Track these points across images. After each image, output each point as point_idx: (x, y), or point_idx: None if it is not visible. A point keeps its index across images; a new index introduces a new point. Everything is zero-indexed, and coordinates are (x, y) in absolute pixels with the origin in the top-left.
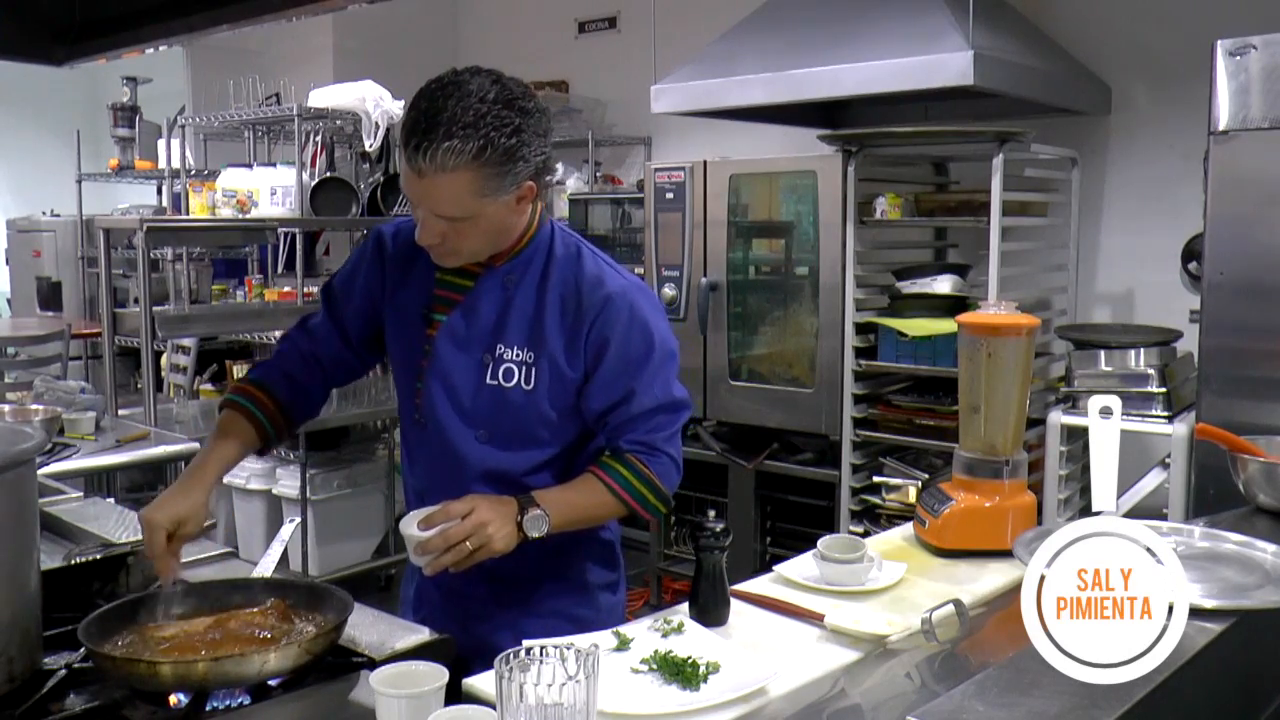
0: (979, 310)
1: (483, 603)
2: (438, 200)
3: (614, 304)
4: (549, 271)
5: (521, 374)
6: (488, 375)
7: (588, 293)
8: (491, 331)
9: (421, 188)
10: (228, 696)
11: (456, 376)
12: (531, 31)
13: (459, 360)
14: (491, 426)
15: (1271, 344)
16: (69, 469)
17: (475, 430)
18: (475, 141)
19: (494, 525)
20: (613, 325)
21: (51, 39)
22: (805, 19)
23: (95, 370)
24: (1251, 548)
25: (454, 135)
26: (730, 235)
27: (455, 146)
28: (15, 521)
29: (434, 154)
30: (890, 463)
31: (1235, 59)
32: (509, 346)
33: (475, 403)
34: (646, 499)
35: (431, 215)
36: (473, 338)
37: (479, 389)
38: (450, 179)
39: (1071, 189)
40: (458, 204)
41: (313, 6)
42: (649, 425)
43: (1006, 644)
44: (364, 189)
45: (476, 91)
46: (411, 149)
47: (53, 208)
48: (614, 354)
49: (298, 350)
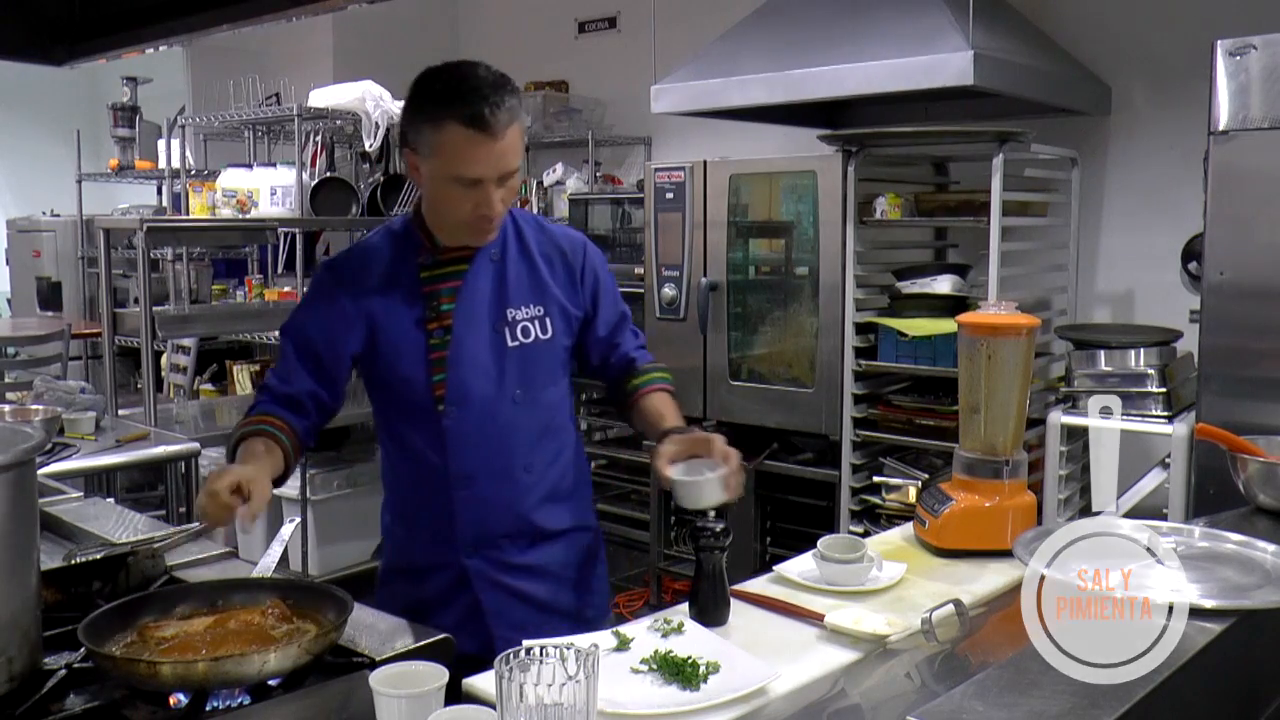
0: (979, 310)
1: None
2: (508, 155)
3: (589, 247)
4: (524, 239)
5: (537, 327)
6: (508, 338)
7: (566, 244)
8: (495, 303)
9: (497, 149)
10: (228, 696)
11: (481, 352)
12: (531, 31)
13: (478, 337)
14: (523, 384)
15: (1271, 344)
16: (69, 469)
17: (511, 393)
18: (512, 89)
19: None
20: (597, 263)
21: (51, 39)
22: (805, 19)
23: (95, 370)
24: (1251, 548)
25: (501, 92)
26: (730, 235)
27: (508, 101)
28: (15, 521)
29: (504, 109)
30: (890, 463)
31: (1235, 59)
32: (518, 308)
33: (505, 367)
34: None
35: (495, 183)
36: (481, 314)
37: (505, 353)
38: (514, 131)
39: (1071, 189)
40: (519, 153)
41: (313, 6)
42: (636, 332)
43: (1006, 644)
44: (364, 189)
45: (469, 64)
46: (486, 113)
47: (53, 208)
48: (604, 286)
49: (282, 396)
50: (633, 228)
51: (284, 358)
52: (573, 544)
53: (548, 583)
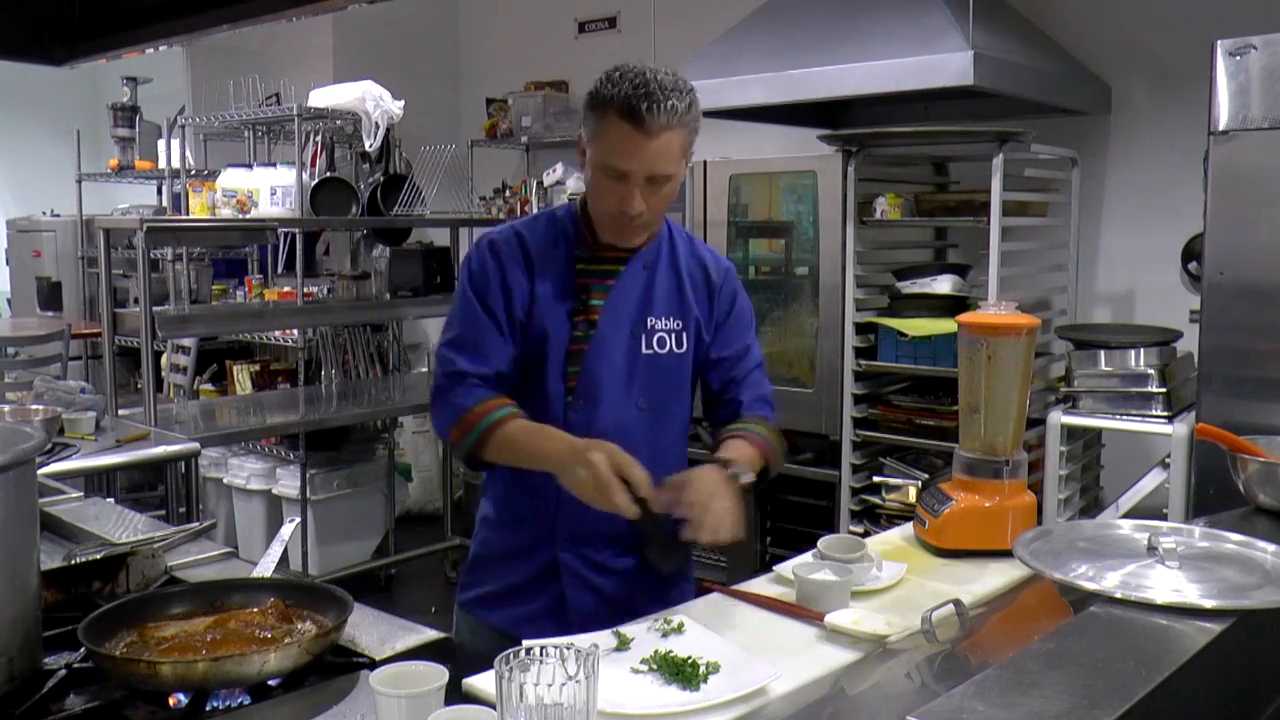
0: (979, 310)
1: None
2: (660, 157)
3: (733, 273)
4: (675, 252)
5: (673, 340)
6: (643, 345)
7: (712, 265)
8: (640, 308)
9: (650, 149)
10: (228, 696)
11: (618, 352)
12: (531, 31)
13: (619, 338)
14: (651, 394)
15: (1271, 344)
16: (69, 469)
17: (637, 399)
18: (686, 99)
19: (719, 508)
20: (736, 289)
21: (51, 39)
22: (805, 19)
23: (95, 370)
24: (1251, 548)
25: (671, 96)
26: (730, 235)
27: (675, 105)
28: (15, 521)
29: (663, 110)
30: (890, 463)
31: (1235, 59)
32: (658, 318)
33: (635, 373)
34: (778, 451)
35: (643, 183)
36: (625, 315)
37: (637, 359)
38: (672, 136)
39: (1071, 189)
40: (674, 160)
41: (313, 6)
42: (762, 380)
43: (1006, 644)
44: (364, 189)
45: (653, 69)
46: (644, 111)
47: (53, 208)
48: (738, 312)
49: (489, 377)
50: None
51: (468, 339)
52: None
53: (635, 589)
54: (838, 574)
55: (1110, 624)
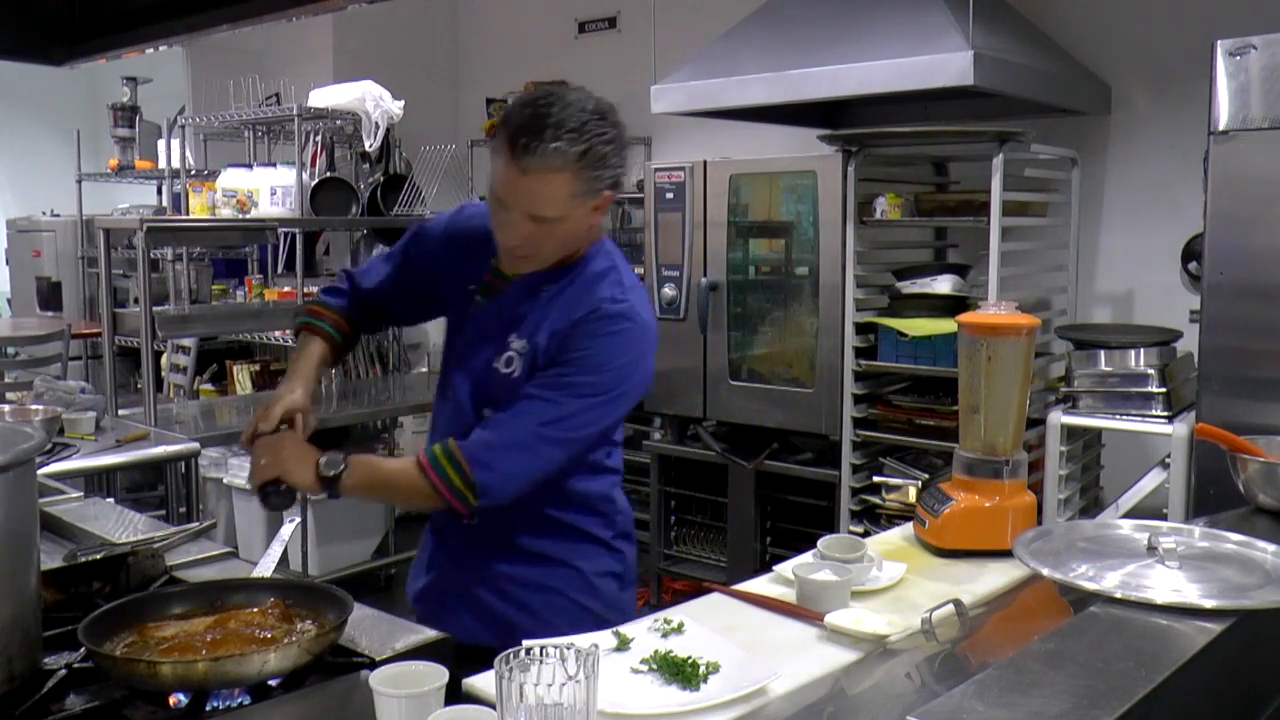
0: (979, 310)
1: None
2: (537, 199)
3: (598, 321)
4: (576, 283)
5: (519, 363)
6: (494, 361)
7: (590, 304)
8: (510, 324)
9: (524, 186)
10: (228, 696)
11: (477, 359)
12: (531, 31)
13: (481, 343)
14: (495, 409)
15: (1271, 344)
16: (69, 469)
17: (481, 409)
18: (579, 145)
19: (292, 459)
20: (584, 335)
21: (51, 39)
22: (805, 19)
23: (95, 370)
24: (1251, 548)
25: (560, 137)
26: (730, 235)
27: (561, 148)
28: (15, 521)
29: (542, 152)
30: (890, 463)
31: (1235, 59)
32: (519, 338)
33: (484, 384)
34: (449, 476)
35: (523, 217)
36: (496, 327)
37: (489, 372)
38: (551, 179)
39: (1071, 189)
40: (554, 204)
41: (313, 6)
42: (509, 424)
43: (1006, 644)
44: (364, 189)
45: (576, 103)
46: (520, 148)
47: (53, 208)
48: (571, 358)
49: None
50: (633, 228)
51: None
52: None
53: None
54: (838, 574)
55: (1110, 624)
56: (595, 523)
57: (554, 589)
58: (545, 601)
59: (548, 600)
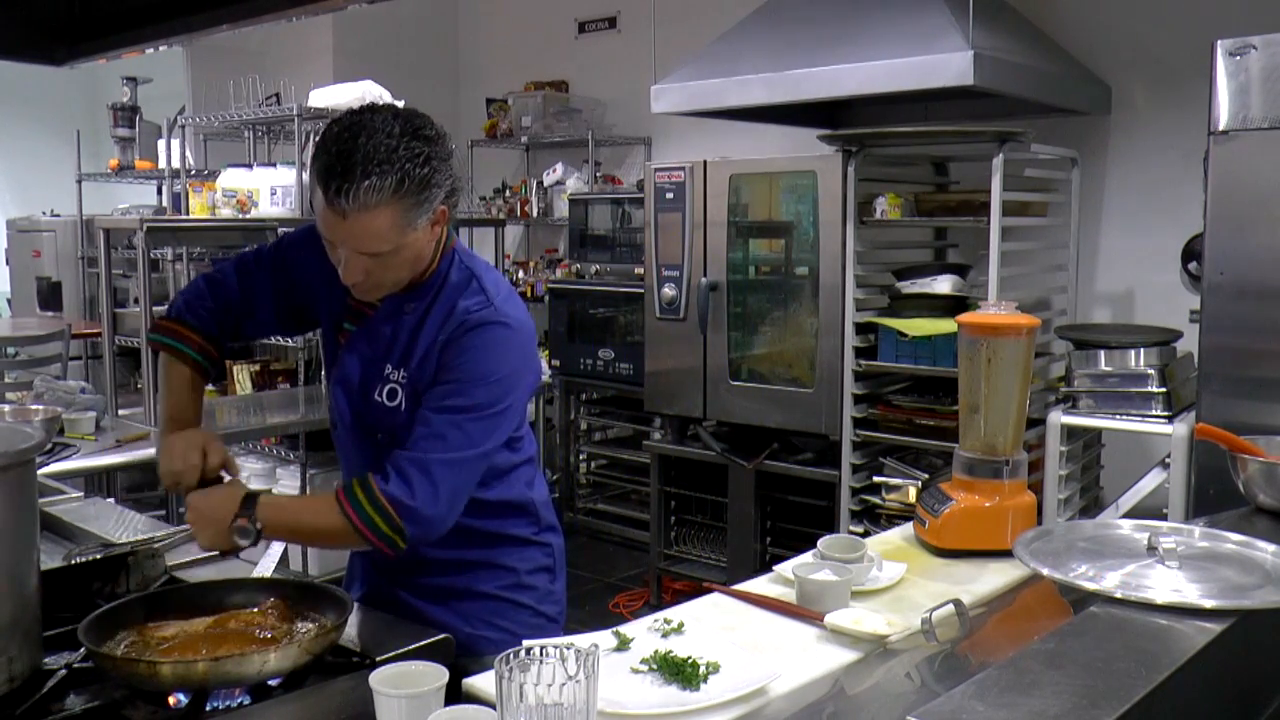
0: (979, 310)
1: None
2: (363, 238)
3: (468, 334)
4: (439, 299)
5: (403, 394)
6: (375, 393)
7: (456, 319)
8: (384, 354)
9: (345, 229)
10: (228, 696)
11: (355, 388)
12: (531, 31)
13: (358, 374)
14: (387, 431)
15: (1271, 344)
16: (69, 469)
17: (375, 434)
18: (393, 176)
19: (200, 527)
20: (457, 350)
21: (51, 39)
22: (805, 19)
23: (95, 370)
24: (1251, 548)
25: (371, 173)
26: (730, 235)
27: (375, 184)
28: (15, 521)
29: (355, 193)
30: (890, 463)
31: (1235, 59)
32: (395, 368)
33: (370, 414)
34: (376, 524)
35: (355, 254)
36: (369, 355)
37: (369, 404)
38: (373, 216)
39: (1071, 189)
40: (381, 239)
41: (313, 6)
42: (415, 445)
43: (1006, 644)
44: None
45: (383, 128)
46: (333, 192)
47: (53, 208)
48: (455, 372)
49: (225, 297)
50: (633, 228)
51: (248, 269)
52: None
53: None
54: (838, 574)
55: (1110, 624)
56: (517, 524)
57: (485, 593)
58: (481, 605)
59: (485, 604)
